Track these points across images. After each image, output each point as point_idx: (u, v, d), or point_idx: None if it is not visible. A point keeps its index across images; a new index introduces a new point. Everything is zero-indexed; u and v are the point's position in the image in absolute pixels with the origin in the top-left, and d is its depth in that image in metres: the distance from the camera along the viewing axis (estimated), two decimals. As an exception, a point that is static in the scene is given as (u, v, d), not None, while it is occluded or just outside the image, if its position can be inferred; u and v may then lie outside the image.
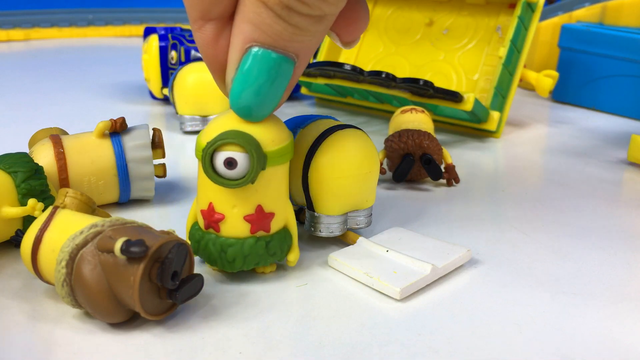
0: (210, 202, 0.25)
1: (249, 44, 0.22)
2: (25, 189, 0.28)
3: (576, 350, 0.22)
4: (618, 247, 0.31)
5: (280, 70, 0.22)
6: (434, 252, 0.28)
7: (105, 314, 0.23)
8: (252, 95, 0.23)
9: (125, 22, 1.04)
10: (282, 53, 0.22)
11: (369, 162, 0.28)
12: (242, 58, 0.22)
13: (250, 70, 0.22)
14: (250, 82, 0.22)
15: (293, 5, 0.20)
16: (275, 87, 0.23)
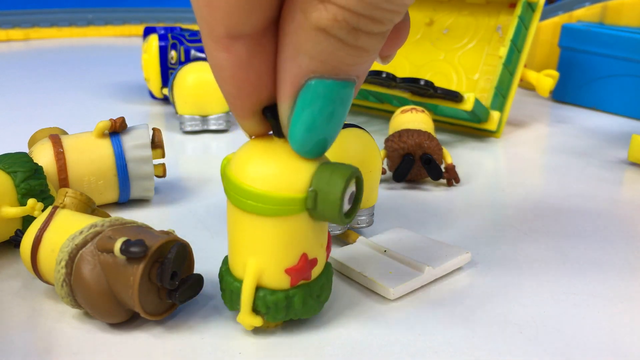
0: (303, 253, 0.22)
1: (307, 77, 0.19)
2: (24, 188, 0.27)
3: (576, 351, 0.22)
4: (618, 247, 0.30)
5: (344, 97, 0.19)
6: (432, 254, 0.28)
7: (104, 314, 0.22)
8: (319, 131, 0.20)
9: (125, 21, 1.04)
10: (344, 79, 0.19)
11: (371, 162, 0.28)
12: (300, 93, 0.19)
13: (313, 105, 0.19)
14: (314, 117, 0.19)
15: (362, 25, 0.18)
16: (340, 115, 0.20)
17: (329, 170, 0.20)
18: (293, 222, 0.21)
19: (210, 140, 0.48)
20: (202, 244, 0.30)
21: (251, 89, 0.20)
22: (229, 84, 0.20)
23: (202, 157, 0.45)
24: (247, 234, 0.21)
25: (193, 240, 0.28)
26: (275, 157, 0.21)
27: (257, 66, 0.19)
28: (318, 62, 0.18)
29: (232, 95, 0.20)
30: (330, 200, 0.20)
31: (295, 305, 0.22)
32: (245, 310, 0.22)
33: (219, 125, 0.49)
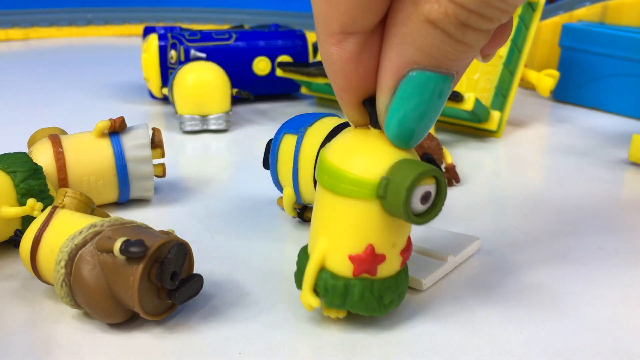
0: (369, 244, 0.22)
1: (409, 67, 0.19)
2: (24, 188, 0.27)
3: (577, 351, 0.22)
4: (618, 247, 0.30)
5: (443, 91, 0.20)
6: (448, 243, 0.28)
7: (104, 314, 0.22)
8: (415, 121, 0.20)
9: (125, 21, 1.04)
10: (445, 73, 0.20)
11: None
12: (401, 83, 0.19)
13: (412, 95, 0.20)
14: (413, 108, 0.20)
15: (472, 21, 0.18)
16: (437, 108, 0.20)
17: (408, 163, 0.21)
18: (364, 207, 0.21)
19: (210, 140, 0.47)
20: (202, 244, 0.30)
21: (358, 82, 0.20)
22: (338, 77, 0.20)
23: (202, 157, 0.45)
24: (323, 212, 0.22)
25: (193, 240, 0.28)
26: (364, 143, 0.21)
27: (366, 61, 0.20)
28: (422, 53, 0.19)
29: (340, 87, 0.21)
30: (398, 191, 0.20)
31: (353, 296, 0.22)
32: (306, 289, 0.22)
33: (218, 125, 0.49)
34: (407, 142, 0.21)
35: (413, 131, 0.21)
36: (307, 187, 0.29)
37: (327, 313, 0.23)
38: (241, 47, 0.57)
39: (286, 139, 0.30)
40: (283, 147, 0.30)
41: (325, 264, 0.22)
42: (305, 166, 0.29)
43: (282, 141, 0.30)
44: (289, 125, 0.30)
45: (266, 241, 0.31)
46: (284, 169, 0.30)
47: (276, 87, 0.59)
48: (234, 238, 0.31)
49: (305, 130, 0.29)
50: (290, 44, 0.58)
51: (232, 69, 0.55)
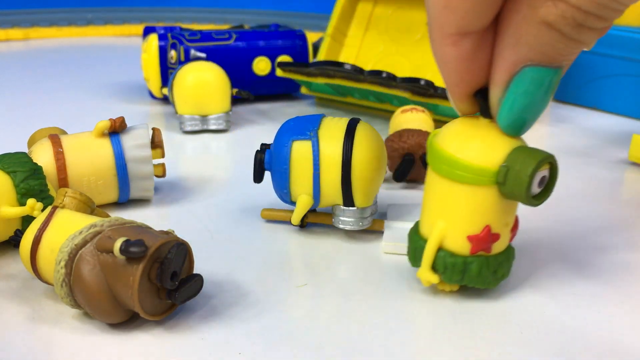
0: (486, 225, 0.24)
1: (523, 64, 0.21)
2: (24, 188, 0.27)
3: (577, 351, 0.22)
4: (618, 247, 0.30)
5: (552, 83, 0.22)
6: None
7: (104, 314, 0.22)
8: (527, 112, 0.22)
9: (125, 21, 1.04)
10: (556, 67, 0.21)
11: (385, 151, 0.31)
12: (514, 79, 0.21)
13: (525, 89, 0.21)
14: (525, 100, 0.21)
15: (588, 22, 0.19)
16: (547, 99, 0.22)
17: (524, 151, 0.22)
18: (482, 192, 0.23)
19: (210, 140, 0.47)
20: (202, 244, 0.30)
21: (471, 78, 0.22)
22: (451, 74, 0.22)
23: (202, 157, 0.45)
24: (439, 197, 0.24)
25: (193, 240, 0.28)
26: (478, 132, 0.23)
27: (479, 59, 0.22)
28: (537, 52, 0.20)
29: (453, 83, 0.22)
30: (520, 178, 0.22)
31: (471, 272, 0.24)
32: (425, 266, 0.25)
33: (218, 125, 0.49)
34: (519, 132, 0.23)
35: (525, 121, 0.22)
36: (330, 190, 0.29)
37: (442, 287, 0.25)
38: (241, 47, 0.57)
39: (298, 146, 0.29)
40: (296, 155, 0.29)
41: (442, 244, 0.24)
42: (328, 169, 0.29)
43: (292, 149, 0.29)
44: (292, 132, 0.29)
45: (266, 241, 0.31)
46: (300, 177, 0.29)
47: (276, 87, 0.59)
48: (234, 238, 0.31)
49: (317, 133, 0.29)
50: (290, 44, 0.58)
51: (232, 69, 0.55)
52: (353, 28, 0.58)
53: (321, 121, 0.30)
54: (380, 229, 0.31)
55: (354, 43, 0.58)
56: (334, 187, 0.29)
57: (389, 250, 0.29)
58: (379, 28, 0.57)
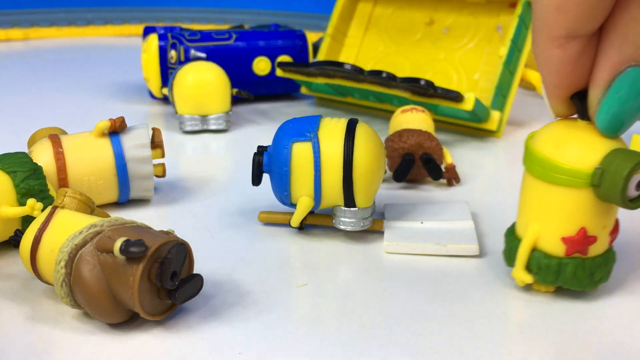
0: (581, 227, 0.24)
1: (627, 64, 0.21)
2: (24, 188, 0.27)
3: (576, 351, 0.22)
4: (618, 247, 0.30)
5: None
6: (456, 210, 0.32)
7: (104, 314, 0.22)
8: (627, 114, 0.22)
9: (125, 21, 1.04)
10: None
11: (384, 151, 0.31)
12: (617, 79, 0.21)
13: (628, 90, 0.21)
14: (626, 101, 0.22)
15: None
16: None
17: (621, 153, 0.23)
18: (577, 194, 0.23)
19: (210, 140, 0.47)
20: (202, 244, 0.30)
21: (572, 81, 0.22)
22: (553, 75, 0.22)
23: (202, 157, 0.45)
24: (534, 198, 0.24)
25: (193, 240, 0.28)
26: (574, 134, 0.23)
27: (584, 62, 0.22)
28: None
29: (554, 84, 0.23)
30: (615, 181, 0.22)
31: (566, 273, 0.24)
32: (519, 266, 0.25)
33: (218, 125, 0.49)
34: (616, 133, 0.23)
35: (623, 122, 0.22)
36: (332, 191, 0.29)
37: (537, 288, 0.26)
38: (241, 47, 0.57)
39: (299, 148, 0.29)
40: (297, 157, 0.29)
41: (537, 244, 0.24)
42: (330, 170, 0.29)
43: (293, 151, 0.29)
44: (292, 133, 0.29)
45: (266, 241, 0.31)
46: (301, 179, 0.29)
47: (276, 87, 0.59)
48: (234, 238, 0.31)
49: (316, 134, 0.29)
50: (290, 44, 0.58)
51: (232, 69, 0.55)
52: (353, 28, 0.58)
53: (320, 122, 0.30)
54: (380, 229, 0.31)
55: (354, 43, 0.58)
56: (335, 188, 0.29)
57: (391, 250, 0.29)
58: (379, 28, 0.57)
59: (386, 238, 0.30)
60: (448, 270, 0.28)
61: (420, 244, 0.29)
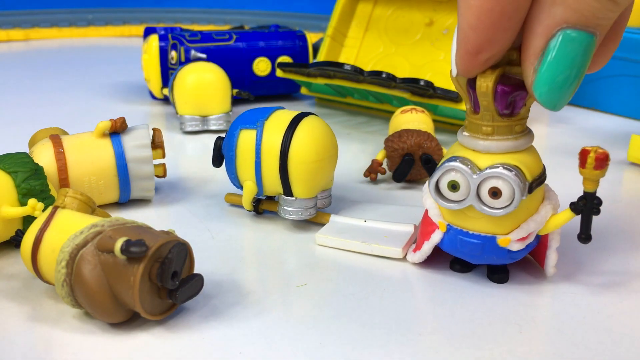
0: None
1: (559, 27, 0.20)
2: (25, 189, 0.28)
3: (576, 351, 0.22)
4: (618, 247, 0.30)
5: (588, 50, 0.21)
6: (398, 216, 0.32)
7: (105, 314, 0.23)
8: (564, 81, 0.21)
9: (125, 22, 1.04)
10: (591, 32, 0.20)
11: (333, 145, 0.31)
12: (549, 43, 0.21)
13: (562, 55, 0.20)
14: (562, 67, 0.21)
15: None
16: (583, 68, 0.21)
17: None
18: None
19: (210, 140, 0.48)
20: (202, 244, 0.30)
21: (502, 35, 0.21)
22: (471, 13, 0.21)
23: (202, 157, 0.45)
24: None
25: (193, 240, 0.28)
26: None
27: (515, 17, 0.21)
28: (572, 11, 0.20)
29: (470, 25, 0.21)
30: None
31: None
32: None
33: (219, 126, 0.49)
34: (557, 102, 0.22)
35: (562, 90, 0.21)
36: (271, 179, 0.31)
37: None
38: (241, 47, 0.57)
39: (244, 135, 0.31)
40: (241, 143, 0.31)
41: None
42: (269, 159, 0.30)
43: (239, 137, 0.31)
44: (244, 120, 0.31)
45: (266, 241, 0.31)
46: (245, 164, 0.31)
47: (276, 88, 0.59)
48: (234, 238, 0.31)
49: (263, 123, 0.30)
50: (290, 44, 0.58)
51: (233, 69, 0.55)
52: (353, 29, 0.58)
53: (273, 112, 0.31)
54: (325, 222, 0.31)
55: (354, 44, 0.58)
56: (273, 177, 0.30)
57: (321, 242, 0.30)
58: (378, 28, 0.57)
59: (320, 231, 0.30)
60: (448, 271, 0.28)
61: (349, 241, 0.29)
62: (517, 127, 0.25)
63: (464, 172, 0.24)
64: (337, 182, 0.39)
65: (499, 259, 0.26)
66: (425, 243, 0.27)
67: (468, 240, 0.25)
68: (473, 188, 0.24)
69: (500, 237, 0.25)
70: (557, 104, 0.22)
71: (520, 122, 0.25)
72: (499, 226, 0.25)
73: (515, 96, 0.24)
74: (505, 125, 0.24)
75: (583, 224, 0.25)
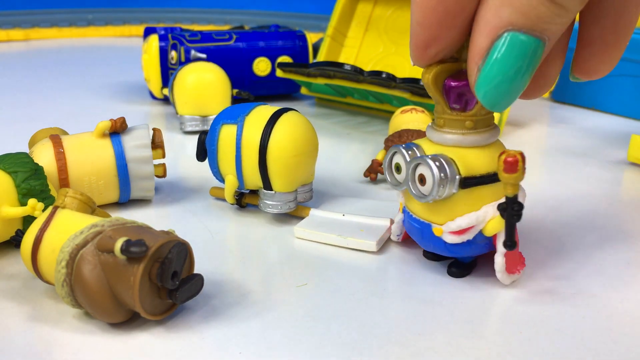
0: None
1: (505, 28, 0.20)
2: (25, 189, 0.28)
3: (576, 350, 0.22)
4: (618, 247, 0.30)
5: (534, 56, 0.21)
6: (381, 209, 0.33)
7: (105, 314, 0.23)
8: (507, 83, 0.21)
9: (125, 22, 1.04)
10: (538, 36, 0.20)
11: (313, 140, 0.32)
12: (495, 44, 0.20)
13: (505, 57, 0.20)
14: (505, 70, 0.21)
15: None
16: (527, 74, 0.21)
17: None
18: None
19: (210, 141, 0.48)
20: (202, 244, 0.30)
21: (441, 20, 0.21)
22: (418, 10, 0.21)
23: (202, 157, 0.45)
24: None
25: (193, 240, 0.28)
26: None
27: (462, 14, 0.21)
28: (519, 14, 0.20)
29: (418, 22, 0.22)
30: None
31: None
32: None
33: (219, 126, 0.49)
34: (495, 104, 0.22)
35: (502, 94, 0.21)
36: (251, 173, 0.31)
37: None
38: (241, 47, 0.57)
39: (226, 129, 0.31)
40: (223, 138, 0.32)
41: None
42: (249, 153, 0.31)
43: (220, 132, 0.32)
44: (226, 116, 0.32)
45: (266, 241, 0.31)
46: (226, 158, 0.32)
47: (276, 88, 0.59)
48: (234, 238, 0.31)
49: (244, 119, 0.31)
50: (290, 44, 0.58)
51: (233, 69, 0.55)
52: (353, 29, 0.58)
53: (254, 108, 0.32)
54: (305, 215, 0.32)
55: (354, 44, 0.58)
56: (253, 171, 0.31)
57: (299, 235, 0.31)
58: (378, 28, 0.57)
59: (298, 224, 0.31)
60: (446, 272, 0.28)
61: (325, 234, 0.30)
62: (468, 123, 0.25)
63: (403, 155, 0.25)
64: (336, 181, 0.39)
65: (437, 249, 0.26)
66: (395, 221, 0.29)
67: (412, 224, 0.26)
68: (409, 172, 0.25)
69: (435, 226, 0.25)
70: (496, 104, 0.22)
71: (472, 119, 0.25)
72: (435, 215, 0.25)
73: (467, 92, 0.24)
74: (454, 119, 0.25)
75: (507, 229, 0.24)
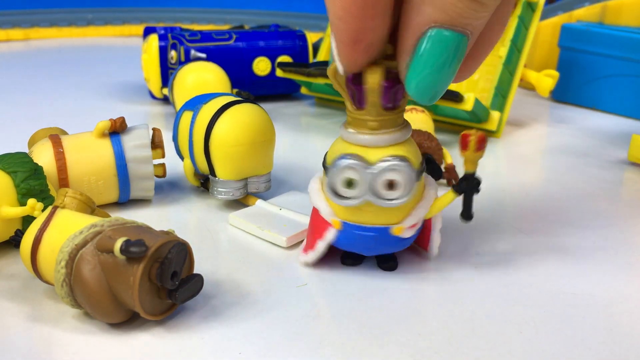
0: None
1: (428, 25, 0.21)
2: (24, 188, 0.27)
3: (576, 350, 0.22)
4: (618, 247, 0.30)
5: (458, 49, 0.22)
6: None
7: (104, 314, 0.22)
8: (433, 77, 0.22)
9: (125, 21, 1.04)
10: (460, 31, 0.21)
11: (263, 132, 0.32)
12: (420, 41, 0.21)
13: (431, 52, 0.21)
14: (431, 64, 0.22)
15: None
16: (453, 67, 0.22)
17: None
18: None
19: (210, 140, 0.47)
20: (202, 244, 0.30)
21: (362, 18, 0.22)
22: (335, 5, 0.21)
23: (202, 157, 0.45)
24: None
25: (193, 240, 0.28)
26: None
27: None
28: (440, 11, 0.21)
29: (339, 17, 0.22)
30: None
31: None
32: None
33: (218, 125, 0.49)
34: (427, 97, 0.23)
35: (431, 87, 0.22)
36: (200, 159, 0.33)
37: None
38: (241, 47, 0.57)
39: (185, 116, 0.34)
40: (182, 123, 0.34)
41: None
42: (197, 140, 0.32)
43: (181, 117, 0.34)
44: (189, 103, 0.34)
45: (266, 241, 0.31)
46: (183, 143, 0.34)
47: (276, 88, 0.59)
48: (234, 238, 0.31)
49: (201, 107, 0.33)
50: (290, 44, 0.58)
51: (232, 69, 0.55)
52: (353, 28, 0.58)
53: (215, 98, 0.33)
54: (251, 204, 0.33)
55: (354, 43, 0.58)
56: (201, 157, 0.32)
57: (231, 222, 0.32)
58: (378, 28, 0.57)
59: (234, 212, 0.32)
60: (447, 271, 0.28)
61: (249, 224, 0.31)
62: (399, 119, 0.25)
63: (360, 168, 0.24)
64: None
65: (391, 248, 0.27)
66: (320, 242, 0.27)
67: (363, 234, 0.26)
68: (370, 183, 0.25)
69: (394, 226, 0.25)
70: (426, 97, 0.23)
71: (401, 114, 0.26)
72: (392, 216, 0.26)
73: (396, 89, 0.24)
74: (389, 119, 0.25)
75: (465, 203, 0.26)
